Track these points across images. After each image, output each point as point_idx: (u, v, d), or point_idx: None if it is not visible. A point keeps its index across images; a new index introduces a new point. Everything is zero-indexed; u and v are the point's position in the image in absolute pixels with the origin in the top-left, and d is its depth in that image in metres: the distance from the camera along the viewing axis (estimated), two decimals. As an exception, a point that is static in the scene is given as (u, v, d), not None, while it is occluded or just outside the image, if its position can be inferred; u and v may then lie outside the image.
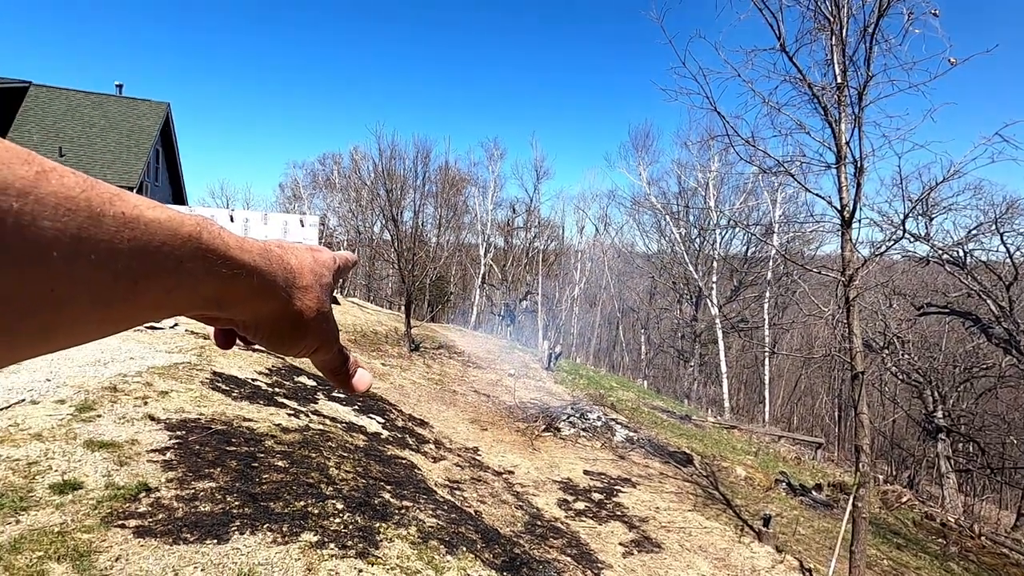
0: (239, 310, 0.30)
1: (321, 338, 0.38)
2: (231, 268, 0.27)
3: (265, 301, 0.31)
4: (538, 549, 5.88)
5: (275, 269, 0.31)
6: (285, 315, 0.33)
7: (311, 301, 0.34)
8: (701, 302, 27.47)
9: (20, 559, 3.06)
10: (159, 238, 0.23)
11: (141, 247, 0.22)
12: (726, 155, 23.75)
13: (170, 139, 22.19)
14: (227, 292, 0.28)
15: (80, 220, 0.19)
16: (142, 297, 0.22)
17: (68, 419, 5.10)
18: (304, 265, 0.34)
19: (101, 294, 0.20)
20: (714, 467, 11.57)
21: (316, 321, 0.35)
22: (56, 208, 0.18)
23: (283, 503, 4.37)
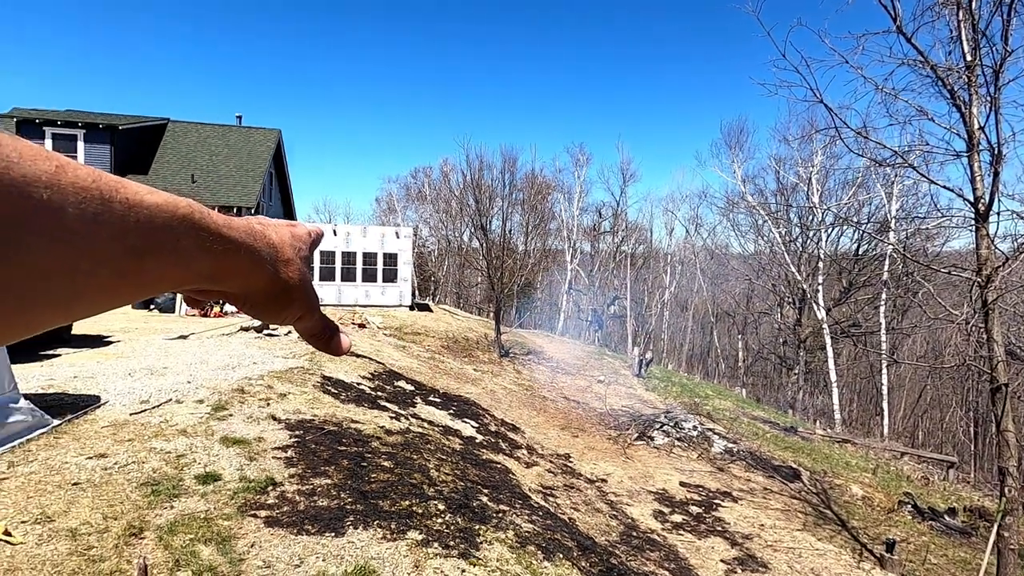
0: (230, 283, 0.34)
1: (304, 307, 0.41)
2: (222, 244, 0.31)
3: (253, 275, 0.35)
4: (635, 560, 5.77)
5: (260, 245, 0.35)
6: (271, 287, 0.37)
7: (293, 273, 0.38)
8: (805, 305, 25.56)
9: (176, 540, 3.50)
10: (159, 219, 0.27)
11: (145, 227, 0.26)
12: (831, 148, 22.02)
13: (281, 162, 24.30)
14: (219, 267, 0.32)
15: (95, 205, 0.23)
16: (148, 271, 0.27)
17: (206, 417, 5.74)
18: (284, 240, 0.38)
19: (116, 267, 0.25)
20: (825, 484, 10.71)
21: (299, 291, 0.39)
22: (76, 195, 0.22)
23: (390, 502, 4.64)
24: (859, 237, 24.89)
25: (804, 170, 24.94)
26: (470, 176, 20.98)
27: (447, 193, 40.32)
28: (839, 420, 22.72)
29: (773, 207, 26.77)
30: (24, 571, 2.98)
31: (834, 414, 22.94)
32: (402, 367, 11.86)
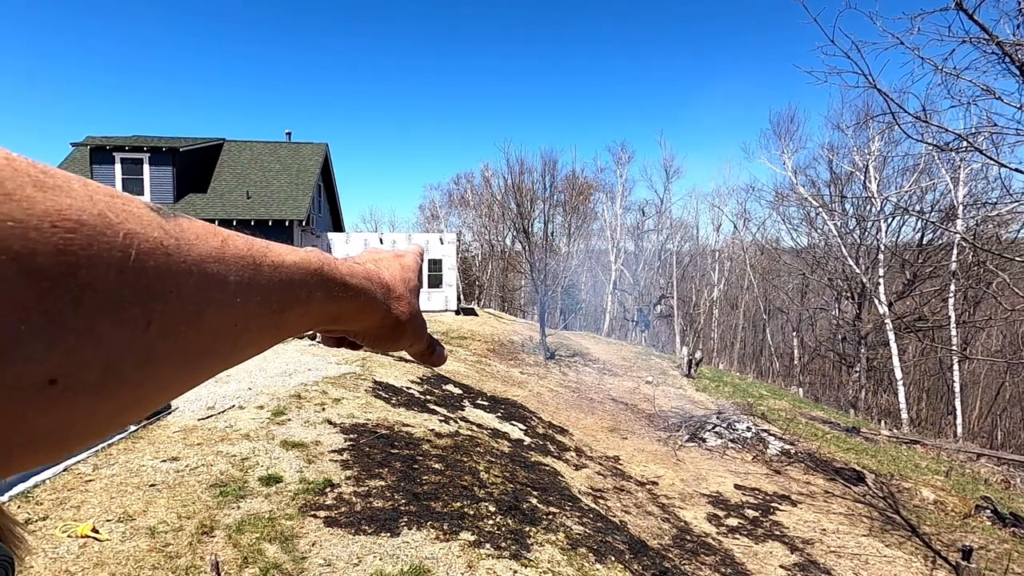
0: (351, 323, 0.39)
1: (415, 336, 0.45)
2: (345, 293, 0.35)
3: (370, 315, 0.39)
4: (689, 564, 5.66)
5: (375, 288, 0.39)
6: (386, 323, 0.41)
7: (405, 307, 0.42)
8: (865, 299, 24.35)
9: (243, 538, 3.70)
10: (297, 277, 0.30)
11: (286, 284, 0.29)
12: (889, 134, 20.94)
13: (329, 174, 25.14)
14: (342, 311, 0.36)
15: (250, 272, 0.27)
16: (287, 322, 0.31)
17: (267, 422, 6.02)
18: (396, 277, 0.42)
19: (264, 322, 0.28)
20: (892, 487, 10.18)
21: (410, 323, 0.43)
22: (235, 264, 0.26)
23: (442, 503, 4.74)
24: (923, 226, 23.52)
25: (860, 158, 23.79)
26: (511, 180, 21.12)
27: (489, 198, 40.69)
28: (906, 420, 21.51)
29: (827, 198, 25.66)
30: (110, 566, 3.22)
31: (900, 413, 21.74)
32: (450, 371, 12.05)
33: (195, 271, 0.22)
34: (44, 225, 0.16)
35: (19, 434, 0.17)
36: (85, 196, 0.18)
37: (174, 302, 0.21)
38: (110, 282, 0.18)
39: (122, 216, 0.19)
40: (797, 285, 32.08)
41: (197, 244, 0.23)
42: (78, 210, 0.18)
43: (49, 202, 0.17)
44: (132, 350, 0.19)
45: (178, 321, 0.21)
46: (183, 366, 0.23)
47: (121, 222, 0.19)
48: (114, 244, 0.18)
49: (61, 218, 0.17)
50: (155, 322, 0.20)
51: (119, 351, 0.19)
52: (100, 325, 0.18)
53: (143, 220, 0.20)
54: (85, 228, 0.18)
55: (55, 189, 0.17)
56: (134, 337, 0.19)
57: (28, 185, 0.17)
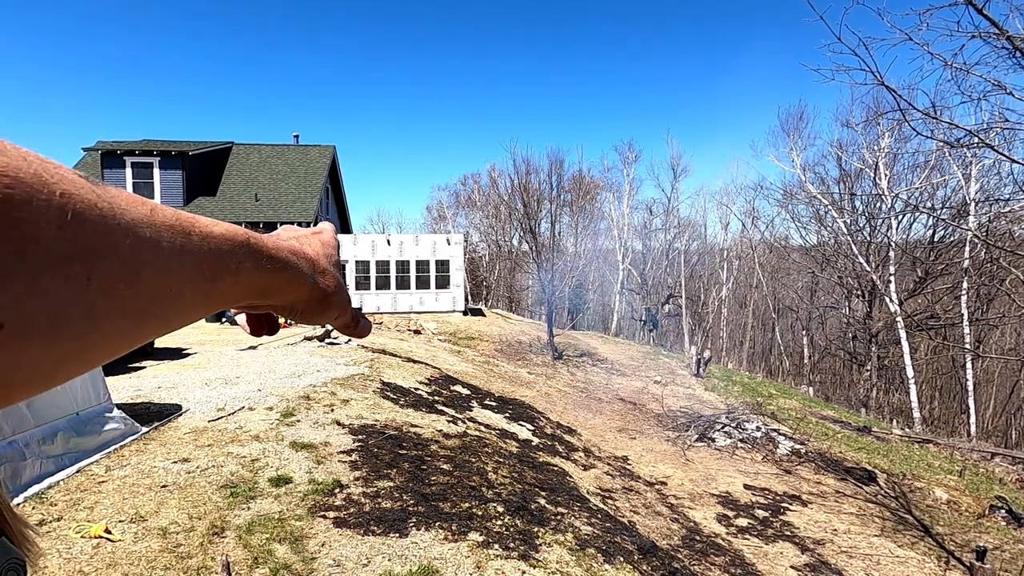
0: (279, 297, 0.40)
1: (341, 308, 0.46)
2: (273, 265, 0.36)
3: (298, 287, 0.40)
4: (698, 565, 5.64)
5: (301, 262, 0.40)
6: (313, 296, 0.42)
7: (330, 280, 0.43)
8: (876, 297, 24.12)
9: (253, 539, 3.73)
10: (226, 246, 0.32)
11: (216, 253, 0.31)
12: (899, 130, 20.73)
13: (336, 176, 25.28)
14: (271, 284, 0.37)
15: (180, 238, 0.28)
16: (218, 291, 0.32)
17: (276, 423, 6.06)
18: (319, 252, 0.44)
19: (196, 288, 0.30)
20: (904, 487, 10.08)
21: (336, 295, 0.44)
22: (167, 231, 0.27)
23: (450, 504, 4.75)
24: (934, 223, 23.27)
25: (870, 155, 23.58)
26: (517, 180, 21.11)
27: (495, 198, 40.70)
28: (918, 419, 21.29)
29: (836, 195, 25.45)
30: (123, 566, 3.26)
31: (912, 412, 21.52)
32: (457, 371, 12.08)
33: (130, 233, 0.24)
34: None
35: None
36: (19, 156, 0.19)
37: (113, 261, 0.22)
38: (51, 237, 0.19)
39: (56, 177, 0.20)
40: (807, 283, 31.86)
41: (129, 210, 0.24)
42: (15, 168, 0.19)
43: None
44: (76, 303, 0.21)
45: (117, 279, 0.23)
46: (123, 324, 0.24)
47: (56, 182, 0.20)
48: (52, 201, 0.19)
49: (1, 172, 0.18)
50: (95, 279, 0.21)
51: (63, 303, 0.20)
52: (44, 277, 0.19)
53: (76, 183, 0.22)
54: (23, 184, 0.19)
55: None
56: (77, 291, 0.21)
57: None
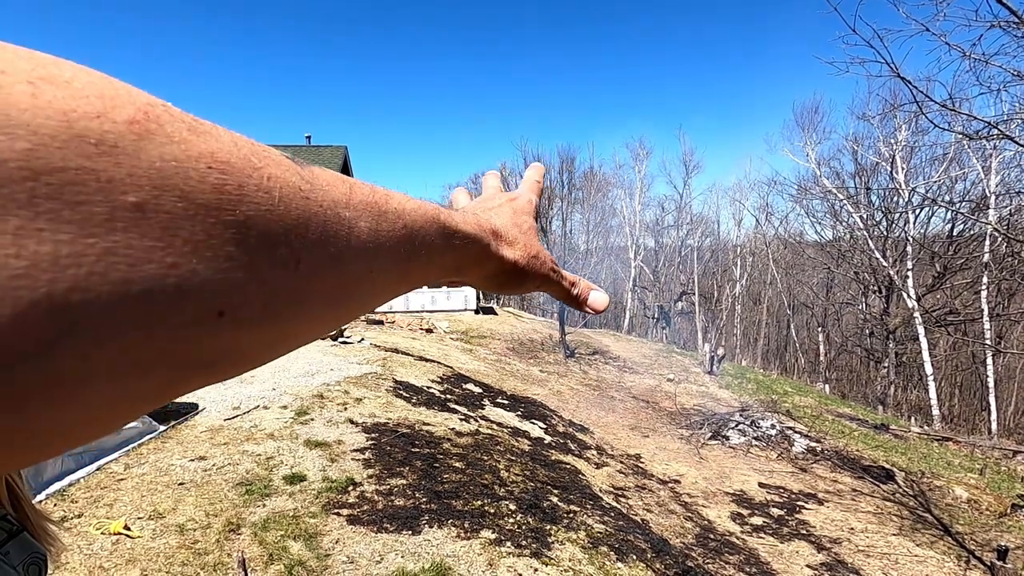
0: (470, 272, 0.39)
1: (540, 277, 0.44)
2: (462, 240, 0.35)
3: (487, 262, 0.40)
4: (712, 564, 5.60)
5: (487, 235, 0.39)
6: (503, 269, 0.41)
7: (520, 251, 0.42)
8: (893, 293, 23.75)
9: (269, 536, 3.77)
10: (418, 223, 0.30)
11: (409, 232, 0.30)
12: (916, 123, 20.37)
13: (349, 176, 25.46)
14: (461, 260, 0.36)
15: (375, 218, 0.27)
16: (413, 271, 0.31)
17: (290, 422, 6.13)
18: (507, 223, 0.42)
19: (394, 269, 0.29)
20: (923, 485, 9.92)
21: (529, 265, 0.43)
22: (364, 210, 0.26)
23: (463, 501, 4.77)
24: (952, 217, 22.86)
25: (886, 148, 23.20)
26: (528, 178, 21.06)
27: (506, 196, 40.62)
28: (937, 416, 20.95)
29: (852, 190, 25.09)
30: (142, 562, 3.32)
31: (931, 410, 21.18)
32: (470, 370, 12.11)
33: (330, 215, 0.23)
34: (201, 166, 0.17)
35: (192, 359, 0.18)
36: (231, 142, 0.19)
37: (318, 244, 0.22)
38: (262, 221, 0.19)
39: (264, 161, 0.20)
40: (822, 279, 31.46)
41: (329, 190, 0.24)
42: (227, 153, 0.19)
43: (203, 144, 0.18)
44: (287, 287, 0.21)
45: (322, 262, 0.22)
46: (328, 306, 0.24)
47: (264, 166, 0.20)
48: (260, 186, 0.19)
49: (215, 160, 0.18)
50: (303, 262, 0.21)
51: (275, 288, 0.20)
52: (258, 262, 0.19)
53: (282, 166, 0.21)
54: (234, 170, 0.18)
55: (206, 134, 0.18)
56: (287, 275, 0.21)
57: (184, 129, 0.17)
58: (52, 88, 0.14)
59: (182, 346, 0.18)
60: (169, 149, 0.17)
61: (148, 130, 0.16)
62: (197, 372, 0.19)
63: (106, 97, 0.16)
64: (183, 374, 0.18)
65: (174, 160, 0.17)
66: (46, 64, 0.15)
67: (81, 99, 0.15)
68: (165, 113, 0.17)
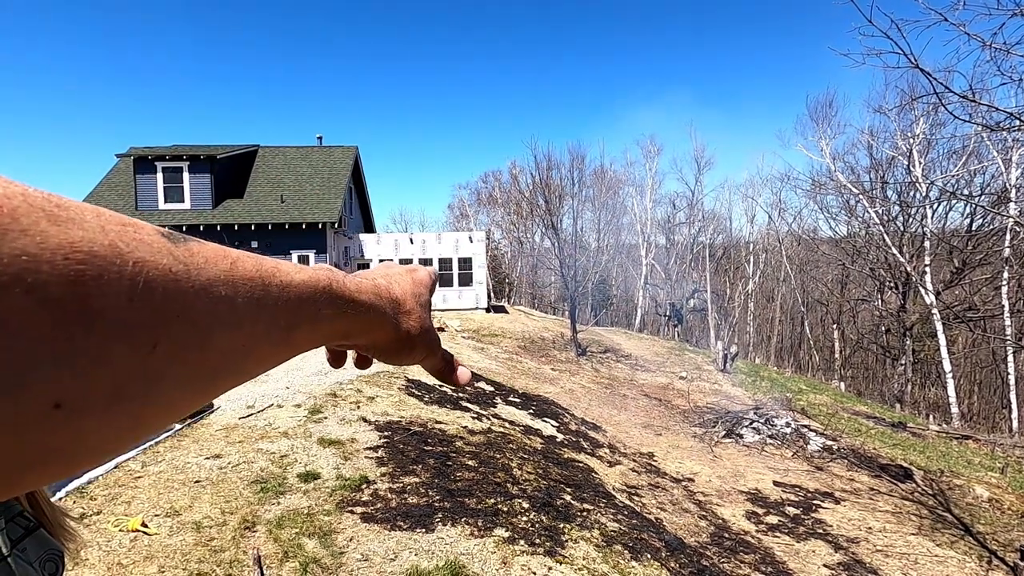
0: (360, 339, 0.39)
1: (426, 349, 0.44)
2: (354, 309, 0.35)
3: (379, 329, 0.39)
4: (728, 563, 5.55)
5: (384, 303, 0.39)
6: (395, 337, 0.41)
7: (415, 322, 0.42)
8: (910, 289, 23.37)
9: (283, 533, 3.79)
10: (305, 294, 0.30)
11: (295, 303, 0.29)
12: (935, 115, 20.00)
13: (359, 176, 25.55)
14: (351, 327, 0.36)
15: (258, 291, 0.27)
16: (296, 339, 0.31)
17: (304, 420, 6.16)
18: (406, 292, 0.42)
19: (272, 340, 0.29)
20: (942, 484, 9.76)
21: (420, 337, 0.43)
22: (243, 286, 0.26)
23: (476, 499, 4.76)
24: (972, 211, 22.44)
25: (903, 142, 22.82)
26: (538, 176, 21.01)
27: (517, 195, 40.68)
28: (956, 414, 20.59)
29: (867, 185, 24.71)
30: (159, 559, 3.35)
31: (950, 408, 20.83)
32: (481, 368, 12.12)
33: (203, 294, 0.23)
34: (57, 258, 0.17)
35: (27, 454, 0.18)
36: (97, 227, 0.19)
37: (181, 324, 0.21)
38: (120, 308, 0.19)
39: (132, 245, 0.20)
40: (837, 276, 31.07)
41: (206, 268, 0.23)
42: (89, 242, 0.18)
43: (62, 235, 0.17)
44: (139, 371, 0.20)
45: (185, 342, 0.22)
46: (190, 385, 0.23)
47: (131, 251, 0.20)
48: (124, 273, 0.19)
49: (73, 250, 0.17)
50: (161, 344, 0.21)
51: (125, 373, 0.20)
52: (108, 349, 0.19)
53: (153, 248, 0.21)
54: (96, 259, 0.18)
55: (68, 222, 0.18)
56: (140, 359, 0.20)
57: (43, 220, 0.17)
58: None
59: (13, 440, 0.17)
60: (21, 243, 0.16)
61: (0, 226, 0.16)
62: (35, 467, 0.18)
63: None
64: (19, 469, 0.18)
65: (24, 254, 0.16)
66: None
67: None
68: (23, 204, 0.17)
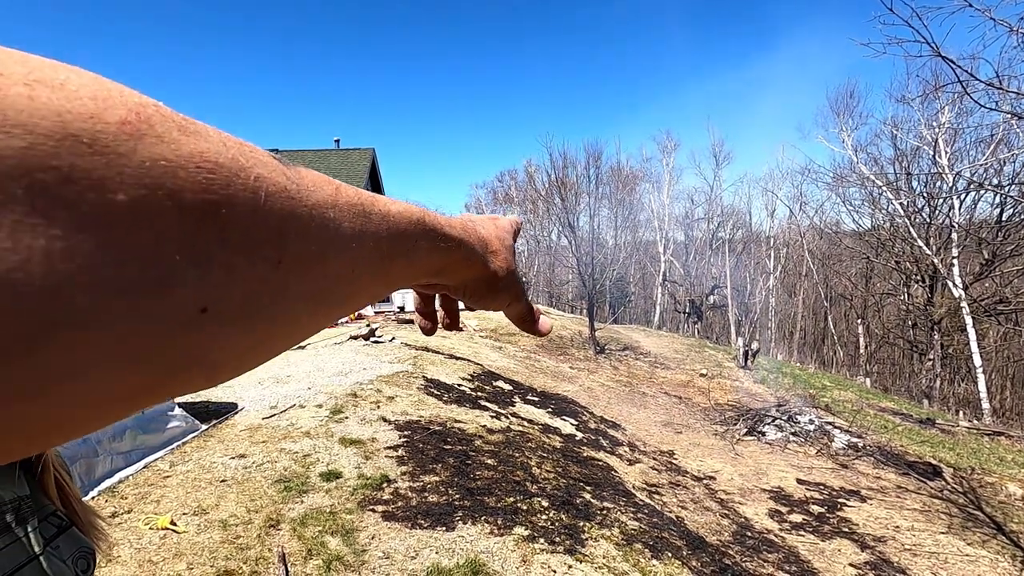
0: (451, 276, 0.39)
1: (513, 293, 0.45)
2: (447, 242, 0.36)
3: (470, 267, 0.39)
4: (750, 562, 5.49)
5: (473, 240, 0.39)
6: (483, 277, 0.41)
7: (502, 262, 0.42)
8: (937, 282, 22.79)
9: (307, 531, 3.86)
10: (402, 225, 0.31)
11: (393, 233, 0.30)
12: (961, 103, 19.47)
13: (376, 178, 25.80)
14: (445, 262, 0.36)
15: (361, 219, 0.27)
16: (394, 271, 0.31)
17: (326, 420, 6.26)
18: (491, 234, 0.43)
19: (375, 270, 0.29)
20: (973, 482, 9.52)
21: (508, 279, 0.43)
22: (349, 211, 0.27)
23: (495, 498, 4.79)
24: (1001, 201, 21.79)
25: (928, 132, 22.26)
26: (554, 174, 20.98)
27: (533, 194, 40.62)
28: (987, 410, 20.03)
29: (891, 176, 24.15)
30: (188, 556, 3.44)
31: (981, 403, 20.27)
32: (499, 367, 12.15)
33: (316, 215, 0.24)
34: (190, 166, 0.18)
35: (176, 358, 0.18)
36: (219, 141, 0.20)
37: (301, 243, 0.22)
38: (247, 220, 0.20)
39: (252, 161, 0.21)
40: (861, 270, 30.44)
41: (315, 191, 0.24)
42: (215, 153, 0.19)
43: (192, 144, 0.18)
44: (268, 285, 0.21)
45: (304, 261, 0.23)
46: (309, 305, 0.25)
47: (252, 166, 0.20)
48: (247, 186, 0.20)
49: (203, 160, 0.18)
50: (285, 261, 0.22)
51: (257, 285, 0.20)
52: (240, 260, 0.19)
53: (269, 166, 0.22)
54: (223, 170, 0.19)
55: (196, 134, 0.19)
56: (268, 273, 0.21)
57: (174, 129, 0.18)
58: (47, 90, 0.15)
59: (167, 341, 0.18)
60: (159, 149, 0.17)
61: (139, 130, 0.17)
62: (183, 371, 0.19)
63: (99, 99, 0.16)
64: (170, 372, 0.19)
65: (163, 160, 0.17)
66: (41, 67, 0.15)
67: (75, 101, 0.15)
68: (156, 113, 0.18)
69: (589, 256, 19.17)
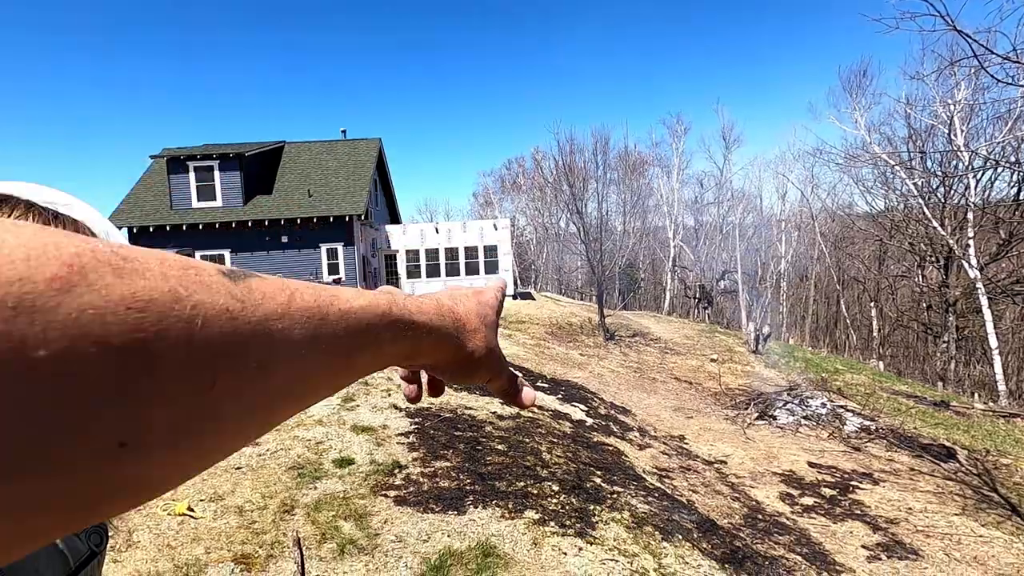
0: (423, 360, 0.39)
1: (492, 370, 0.44)
2: (415, 331, 0.35)
3: (443, 350, 0.39)
4: (761, 544, 5.51)
5: (447, 322, 0.39)
6: (459, 357, 0.41)
7: (479, 342, 0.42)
8: (952, 263, 22.45)
9: (321, 516, 3.93)
10: (365, 320, 0.30)
11: (353, 331, 0.30)
12: (977, 79, 19.02)
13: (384, 168, 25.78)
14: (413, 349, 0.36)
15: (316, 322, 0.27)
16: (355, 365, 0.31)
17: (337, 408, 6.33)
18: (470, 311, 0.42)
19: (332, 368, 0.29)
20: (988, 464, 9.44)
21: (485, 358, 0.43)
22: (301, 318, 0.26)
23: (506, 483, 4.83)
24: (1019, 179, 21.35)
25: (943, 109, 21.78)
26: (562, 161, 20.87)
27: (540, 181, 40.45)
28: (1003, 392, 19.81)
29: (905, 155, 23.72)
30: (205, 541, 3.52)
31: (997, 385, 20.04)
32: (509, 355, 12.18)
33: (259, 331, 0.23)
34: (119, 309, 0.18)
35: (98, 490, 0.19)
36: (159, 275, 0.20)
37: (239, 361, 0.22)
38: (179, 351, 0.20)
39: (191, 288, 0.21)
40: (874, 252, 30.06)
41: (263, 304, 0.24)
42: (150, 290, 0.19)
43: (124, 287, 0.19)
44: (198, 410, 0.21)
45: (242, 379, 0.23)
46: (249, 418, 0.24)
47: (190, 295, 0.21)
48: (182, 316, 0.20)
49: (135, 300, 0.19)
50: (220, 381, 0.21)
51: (186, 410, 0.20)
52: (168, 389, 0.20)
53: (212, 289, 0.22)
54: (156, 305, 0.19)
55: (132, 273, 0.19)
56: (198, 398, 0.21)
57: (108, 274, 0.18)
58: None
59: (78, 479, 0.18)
60: (88, 298, 0.17)
61: (69, 283, 0.17)
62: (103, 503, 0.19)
63: (31, 258, 0.17)
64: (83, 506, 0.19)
65: (91, 308, 0.17)
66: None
67: (5, 265, 0.16)
68: (92, 260, 0.18)
69: (598, 243, 19.10)
